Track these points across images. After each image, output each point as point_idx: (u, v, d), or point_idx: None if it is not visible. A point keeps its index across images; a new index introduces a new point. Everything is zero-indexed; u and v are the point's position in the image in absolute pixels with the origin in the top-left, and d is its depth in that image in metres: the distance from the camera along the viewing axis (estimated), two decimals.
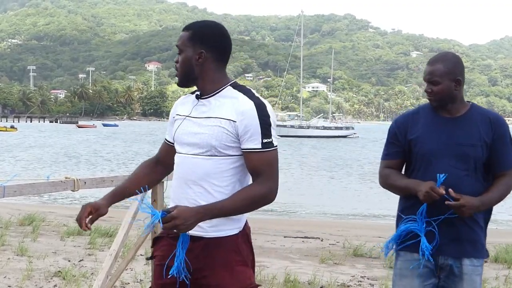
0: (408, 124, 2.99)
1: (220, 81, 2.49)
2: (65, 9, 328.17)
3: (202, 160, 2.44)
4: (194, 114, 2.49)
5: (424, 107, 3.06)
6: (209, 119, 2.43)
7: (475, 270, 2.90)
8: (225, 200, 2.36)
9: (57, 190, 3.82)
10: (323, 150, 48.75)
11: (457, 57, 2.99)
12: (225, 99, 2.44)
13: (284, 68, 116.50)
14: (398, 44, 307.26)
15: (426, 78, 2.95)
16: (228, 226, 2.45)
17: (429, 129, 2.94)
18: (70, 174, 4.10)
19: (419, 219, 2.86)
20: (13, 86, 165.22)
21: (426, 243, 2.82)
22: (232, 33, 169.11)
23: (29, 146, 43.62)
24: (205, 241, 2.44)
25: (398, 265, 2.99)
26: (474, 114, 2.95)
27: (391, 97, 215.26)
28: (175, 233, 2.43)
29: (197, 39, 2.47)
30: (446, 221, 2.84)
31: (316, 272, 6.16)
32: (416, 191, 2.84)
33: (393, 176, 3.00)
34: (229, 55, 2.54)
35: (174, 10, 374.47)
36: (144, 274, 5.83)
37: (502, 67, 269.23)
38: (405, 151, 2.99)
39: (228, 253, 2.45)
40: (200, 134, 2.44)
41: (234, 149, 2.43)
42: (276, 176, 2.42)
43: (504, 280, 6.21)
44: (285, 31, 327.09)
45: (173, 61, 2.73)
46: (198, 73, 2.48)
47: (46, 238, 7.94)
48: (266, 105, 2.43)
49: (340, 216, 15.29)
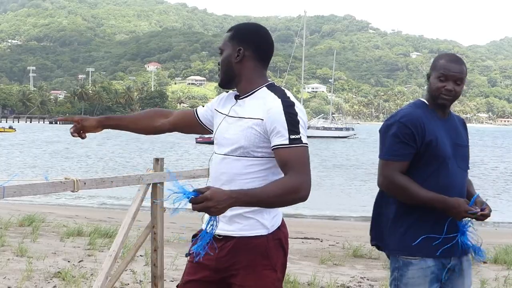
0: (423, 124, 2.82)
1: (257, 82, 2.48)
2: (65, 10, 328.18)
3: (232, 161, 2.45)
4: (231, 113, 2.50)
5: (421, 105, 2.93)
6: (242, 120, 2.44)
7: (470, 265, 2.97)
8: (258, 188, 2.28)
9: (56, 191, 3.81)
10: (324, 150, 48.74)
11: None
12: (258, 100, 2.43)
13: (284, 69, 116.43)
14: (397, 45, 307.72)
15: (454, 76, 2.82)
16: (257, 227, 2.45)
17: (440, 130, 2.87)
18: (69, 174, 4.10)
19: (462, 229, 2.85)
20: (13, 86, 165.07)
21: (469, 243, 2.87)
22: None
23: (27, 147, 43.60)
24: (234, 241, 2.44)
25: (410, 274, 2.85)
26: (453, 116, 3.00)
27: (390, 98, 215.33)
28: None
29: (237, 37, 2.49)
30: (450, 223, 2.83)
31: (316, 273, 6.16)
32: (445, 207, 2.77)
33: (412, 187, 2.79)
34: (269, 56, 2.52)
35: (174, 10, 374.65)
36: (143, 275, 5.82)
37: (502, 68, 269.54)
38: (417, 153, 2.82)
39: (256, 256, 2.44)
40: (232, 135, 2.45)
41: (264, 150, 2.41)
42: (308, 171, 2.34)
43: (503, 281, 6.21)
44: (284, 32, 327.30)
45: (173, 61, 2.74)
46: (237, 71, 2.48)
47: (45, 238, 7.93)
48: (295, 103, 2.40)
49: (340, 217, 15.31)
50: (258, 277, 2.43)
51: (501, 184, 25.18)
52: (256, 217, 2.44)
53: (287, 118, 2.34)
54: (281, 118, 2.34)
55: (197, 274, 2.52)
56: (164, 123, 2.80)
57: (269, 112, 2.36)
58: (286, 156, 2.33)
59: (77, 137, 2.79)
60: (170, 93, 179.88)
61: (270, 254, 2.46)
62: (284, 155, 2.33)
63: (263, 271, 2.44)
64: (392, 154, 2.84)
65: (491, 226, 13.36)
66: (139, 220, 4.76)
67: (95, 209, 15.36)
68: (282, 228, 2.52)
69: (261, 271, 2.44)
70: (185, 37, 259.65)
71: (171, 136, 54.88)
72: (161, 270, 4.72)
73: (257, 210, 2.42)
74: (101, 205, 16.50)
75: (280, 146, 2.34)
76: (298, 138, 2.34)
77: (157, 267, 4.69)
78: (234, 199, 2.19)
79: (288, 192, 2.27)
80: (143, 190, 4.45)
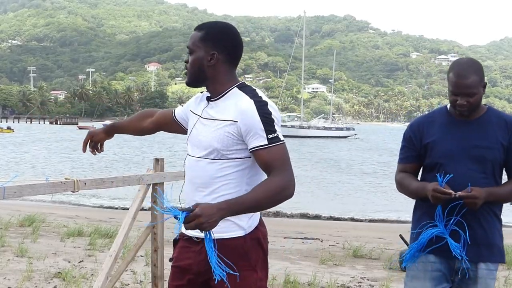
0: (423, 128, 2.97)
1: (229, 83, 2.46)
2: (65, 10, 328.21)
3: (206, 164, 2.43)
4: (204, 115, 2.49)
5: (439, 111, 3.04)
6: (215, 122, 2.43)
7: (490, 274, 2.89)
8: (246, 195, 2.29)
9: (57, 191, 3.82)
10: (325, 150, 48.73)
11: (477, 61, 2.94)
12: (230, 100, 2.42)
13: (284, 69, 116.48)
14: (397, 45, 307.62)
15: (463, 92, 2.83)
16: (234, 229, 2.44)
17: (445, 132, 2.92)
18: (69, 175, 4.10)
19: (438, 222, 2.84)
20: (13, 87, 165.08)
21: (454, 243, 2.81)
22: None
23: (24, 147, 43.58)
24: (218, 242, 2.40)
25: (414, 266, 2.96)
26: (490, 117, 2.93)
27: (391, 98, 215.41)
28: (191, 234, 2.42)
29: (209, 39, 2.44)
30: (463, 224, 2.82)
31: (316, 273, 6.16)
32: (424, 193, 2.85)
33: (406, 181, 3.00)
34: (240, 56, 2.52)
35: (174, 11, 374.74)
36: (144, 275, 5.83)
37: (502, 68, 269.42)
38: (421, 155, 2.98)
39: (234, 257, 2.42)
40: (205, 137, 2.44)
41: (239, 152, 2.40)
42: (290, 168, 2.35)
43: (504, 281, 6.22)
44: (285, 32, 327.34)
45: (173, 62, 2.74)
46: (209, 74, 2.46)
47: (46, 239, 7.94)
48: (267, 102, 2.39)
49: (340, 217, 15.30)
50: (240, 278, 2.41)
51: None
52: (232, 219, 2.41)
53: (262, 118, 2.34)
54: (256, 119, 2.33)
55: (183, 278, 2.53)
56: (149, 123, 2.85)
57: (243, 113, 2.34)
58: (266, 156, 2.33)
59: (99, 153, 2.99)
60: (171, 93, 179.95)
61: (249, 254, 2.46)
62: (264, 156, 2.33)
63: (243, 272, 2.43)
64: (399, 158, 3.11)
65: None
66: (140, 220, 4.76)
67: (96, 209, 15.36)
68: (260, 227, 2.52)
69: (242, 271, 2.42)
70: (185, 37, 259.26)
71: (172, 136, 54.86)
72: (161, 270, 4.73)
73: None
74: (101, 205, 16.49)
75: (259, 147, 2.34)
76: (276, 137, 2.35)
77: (158, 267, 4.70)
78: (225, 211, 2.21)
79: (276, 193, 2.29)
80: (143, 191, 4.46)
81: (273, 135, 2.34)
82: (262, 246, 2.52)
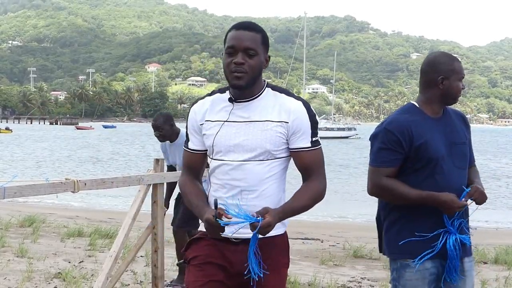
0: (410, 129, 2.82)
1: (261, 83, 2.45)
2: (65, 11, 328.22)
3: (254, 166, 2.38)
4: (234, 118, 2.40)
5: (411, 109, 2.94)
6: (257, 123, 2.37)
7: (472, 266, 2.96)
8: (294, 201, 2.35)
9: (57, 192, 3.82)
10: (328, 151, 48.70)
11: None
12: (268, 101, 2.40)
13: (284, 70, 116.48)
14: (398, 45, 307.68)
15: (463, 76, 2.93)
16: (279, 226, 2.38)
17: (430, 132, 2.85)
18: (69, 175, 4.10)
19: (450, 227, 2.82)
20: (13, 87, 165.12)
21: (465, 237, 2.85)
22: None
23: (23, 147, 43.60)
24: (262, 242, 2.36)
25: (407, 276, 2.87)
26: (450, 113, 2.97)
27: (391, 99, 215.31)
28: (218, 234, 2.31)
29: (266, 43, 2.43)
30: (436, 222, 2.84)
31: (316, 274, 6.16)
32: (437, 203, 2.77)
33: (401, 188, 2.81)
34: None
35: (174, 11, 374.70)
36: (144, 276, 5.82)
37: (502, 68, 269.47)
38: (408, 157, 2.83)
39: (279, 254, 2.44)
40: (250, 139, 2.37)
41: (285, 151, 2.42)
42: (324, 172, 2.45)
43: (504, 282, 6.21)
44: (285, 33, 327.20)
45: (173, 62, 2.70)
46: (259, 76, 2.43)
47: (46, 239, 7.94)
48: (310, 104, 2.45)
49: (340, 217, 15.30)
50: (279, 276, 2.44)
51: (502, 184, 25.15)
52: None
53: (310, 120, 2.40)
54: (306, 121, 2.38)
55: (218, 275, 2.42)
56: (199, 182, 2.59)
57: (295, 114, 2.37)
58: (308, 158, 2.39)
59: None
60: (171, 94, 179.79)
61: (288, 250, 2.51)
62: (306, 158, 2.39)
63: (282, 269, 2.47)
64: (379, 161, 2.86)
65: (491, 226, 13.36)
66: (140, 220, 4.76)
67: (96, 209, 15.35)
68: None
69: (281, 269, 2.45)
70: (185, 38, 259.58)
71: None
72: (161, 271, 4.73)
73: None
74: (101, 205, 16.49)
75: (303, 149, 2.38)
76: (317, 140, 2.43)
77: (158, 267, 4.70)
78: (281, 215, 2.29)
79: (318, 197, 2.40)
80: (144, 191, 4.46)
81: (316, 138, 2.41)
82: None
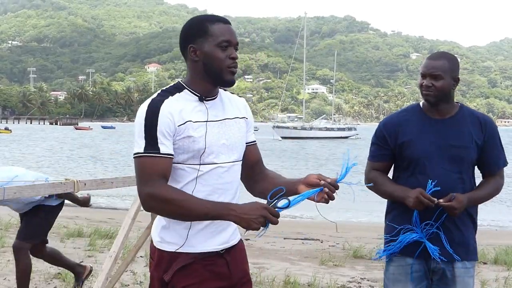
0: (398, 127, 2.91)
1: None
2: (65, 11, 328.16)
3: (238, 166, 2.30)
4: (212, 118, 2.23)
5: (412, 108, 2.99)
6: (230, 121, 2.28)
7: (467, 272, 2.90)
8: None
9: (57, 192, 3.82)
10: (327, 151, 48.74)
11: (455, 57, 2.98)
12: (223, 98, 2.32)
13: (283, 70, 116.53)
14: (397, 45, 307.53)
15: (428, 72, 2.86)
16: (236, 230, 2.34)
17: (420, 131, 2.87)
18: (69, 175, 4.11)
19: (416, 228, 2.83)
20: (13, 87, 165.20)
21: (432, 246, 2.81)
22: None
23: (22, 147, 43.58)
24: (237, 246, 2.34)
25: (391, 270, 2.96)
26: (464, 115, 2.92)
27: (391, 99, 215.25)
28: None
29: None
30: (439, 226, 2.83)
31: (316, 274, 6.16)
32: (404, 198, 2.80)
33: (380, 180, 2.93)
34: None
35: (174, 12, 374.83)
36: (144, 276, 5.82)
37: (502, 68, 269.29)
38: (394, 154, 2.93)
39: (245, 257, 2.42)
40: (232, 139, 2.26)
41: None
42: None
43: (504, 282, 6.20)
44: (285, 33, 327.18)
45: (173, 62, 2.71)
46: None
47: None
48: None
49: (340, 217, 15.28)
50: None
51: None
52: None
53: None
54: (252, 116, 2.44)
55: (222, 280, 2.26)
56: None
57: (246, 109, 2.40)
58: (257, 151, 2.43)
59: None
60: None
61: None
62: (257, 151, 2.42)
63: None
64: (370, 155, 3.04)
65: (491, 227, 13.36)
66: (139, 221, 4.76)
67: (96, 210, 15.34)
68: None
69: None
70: None
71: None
72: None
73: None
74: (101, 206, 16.48)
75: (253, 143, 2.40)
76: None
77: None
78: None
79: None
80: None
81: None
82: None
